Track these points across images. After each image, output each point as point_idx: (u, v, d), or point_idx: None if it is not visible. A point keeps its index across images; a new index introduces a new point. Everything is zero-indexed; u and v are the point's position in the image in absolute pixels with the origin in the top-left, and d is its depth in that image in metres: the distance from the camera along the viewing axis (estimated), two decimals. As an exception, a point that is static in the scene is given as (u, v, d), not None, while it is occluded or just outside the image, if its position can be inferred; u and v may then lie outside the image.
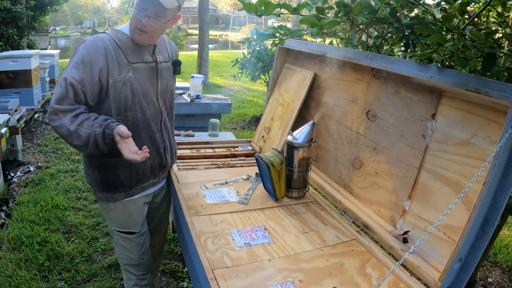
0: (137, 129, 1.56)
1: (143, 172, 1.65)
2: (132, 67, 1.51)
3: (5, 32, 6.77)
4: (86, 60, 1.39)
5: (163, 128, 1.69)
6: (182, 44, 12.18)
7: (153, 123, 1.63)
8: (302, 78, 2.19)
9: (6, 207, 3.08)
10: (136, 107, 1.54)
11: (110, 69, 1.43)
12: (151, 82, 1.59)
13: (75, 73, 1.37)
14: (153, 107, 1.61)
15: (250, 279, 1.27)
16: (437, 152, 1.36)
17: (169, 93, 1.70)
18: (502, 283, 2.46)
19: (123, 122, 1.49)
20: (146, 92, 1.57)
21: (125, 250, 1.73)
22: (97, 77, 1.41)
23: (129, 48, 1.51)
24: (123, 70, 1.48)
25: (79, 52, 1.40)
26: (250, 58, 5.83)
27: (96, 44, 1.42)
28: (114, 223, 1.69)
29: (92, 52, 1.40)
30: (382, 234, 1.50)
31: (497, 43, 1.30)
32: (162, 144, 1.70)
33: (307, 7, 1.50)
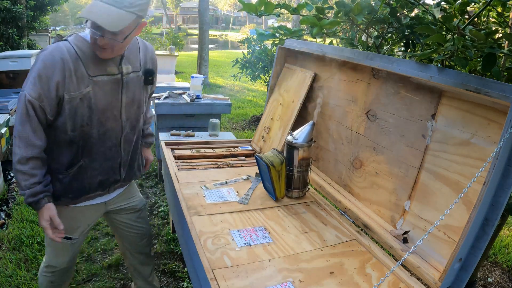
0: (91, 145, 1.49)
1: (90, 187, 1.56)
2: (92, 81, 1.40)
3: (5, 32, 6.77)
4: (43, 74, 1.32)
5: (123, 142, 1.59)
6: (182, 44, 12.17)
7: (111, 138, 1.53)
8: (302, 78, 2.19)
9: (6, 207, 3.08)
10: (92, 123, 1.45)
11: (67, 84, 1.34)
12: (114, 96, 1.48)
13: (32, 90, 1.32)
14: (113, 122, 1.51)
15: (250, 279, 1.27)
16: (437, 152, 1.36)
17: (135, 106, 1.58)
18: (502, 283, 2.46)
19: (77, 137, 1.44)
20: (106, 107, 1.47)
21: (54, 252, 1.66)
22: (54, 92, 1.33)
23: (91, 59, 1.39)
24: (82, 85, 1.38)
25: (37, 66, 1.33)
26: (250, 58, 5.83)
27: (54, 57, 1.33)
28: None
29: (48, 66, 1.32)
30: (382, 234, 1.50)
31: (497, 43, 1.30)
32: (118, 159, 1.60)
33: (307, 7, 1.50)
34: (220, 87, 9.07)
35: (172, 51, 8.10)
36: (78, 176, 1.51)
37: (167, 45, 11.41)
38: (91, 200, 1.61)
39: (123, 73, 1.48)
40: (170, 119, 3.42)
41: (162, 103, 3.34)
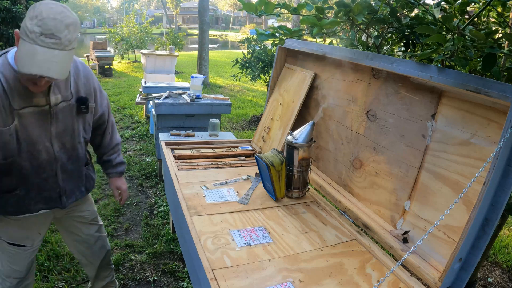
0: (24, 177, 1.41)
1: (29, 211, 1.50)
2: (18, 114, 1.30)
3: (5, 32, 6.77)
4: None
5: (61, 173, 1.50)
6: (182, 44, 12.17)
7: (46, 169, 1.45)
8: (302, 78, 2.19)
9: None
10: (22, 155, 1.36)
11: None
12: (42, 126, 1.38)
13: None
14: (45, 153, 1.42)
15: (250, 279, 1.27)
16: (437, 152, 1.36)
17: (69, 136, 1.48)
18: (502, 283, 2.46)
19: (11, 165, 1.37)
20: (36, 139, 1.38)
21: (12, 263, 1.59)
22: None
23: (16, 91, 1.27)
24: (8, 119, 1.28)
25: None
26: (250, 58, 5.83)
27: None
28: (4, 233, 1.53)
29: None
30: (382, 234, 1.50)
31: (497, 43, 1.30)
32: (57, 190, 1.52)
33: (307, 7, 1.50)
34: (220, 87, 9.07)
35: (172, 51, 8.10)
36: (16, 203, 1.46)
37: (167, 45, 11.41)
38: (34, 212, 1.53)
39: (51, 104, 1.37)
40: (170, 119, 3.42)
41: (162, 103, 3.34)
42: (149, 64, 7.74)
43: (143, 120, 5.68)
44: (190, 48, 20.99)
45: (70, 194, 1.60)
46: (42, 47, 1.14)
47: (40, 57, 1.14)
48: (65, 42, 1.18)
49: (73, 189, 1.60)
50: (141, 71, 9.66)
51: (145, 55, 7.79)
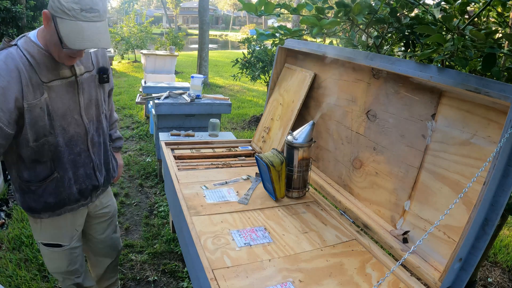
0: (59, 154, 1.42)
1: (69, 198, 1.51)
2: (47, 87, 1.33)
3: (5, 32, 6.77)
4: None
5: (91, 146, 1.53)
6: (182, 44, 12.17)
7: (77, 143, 1.47)
8: (302, 78, 2.19)
9: (6, 207, 3.08)
10: (56, 131, 1.39)
11: (25, 93, 1.27)
12: (72, 99, 1.42)
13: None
14: (76, 126, 1.45)
15: (250, 279, 1.27)
16: (437, 152, 1.36)
17: (94, 107, 1.53)
18: (502, 283, 2.46)
19: (44, 147, 1.38)
20: (66, 112, 1.41)
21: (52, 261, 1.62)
22: (13, 103, 1.24)
23: (43, 65, 1.31)
24: (38, 93, 1.30)
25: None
26: (250, 58, 5.83)
27: (8, 66, 1.24)
28: (39, 235, 1.56)
29: (4, 76, 1.22)
30: (382, 234, 1.50)
31: (497, 43, 1.30)
32: (90, 164, 1.54)
33: (307, 7, 1.50)
34: (220, 87, 9.07)
35: (172, 51, 8.10)
36: (55, 190, 1.46)
37: (167, 45, 11.41)
38: (74, 210, 1.57)
39: (76, 75, 1.42)
40: (170, 119, 3.42)
41: (162, 103, 3.34)
42: (149, 64, 7.74)
43: (143, 120, 5.68)
44: (190, 48, 21.00)
45: (101, 170, 1.62)
46: (86, 22, 1.20)
47: (87, 32, 1.20)
48: (103, 14, 1.25)
49: (106, 167, 1.66)
50: (141, 71, 9.66)
51: (145, 55, 7.80)
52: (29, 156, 1.38)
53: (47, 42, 1.30)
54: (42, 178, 1.44)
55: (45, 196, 1.45)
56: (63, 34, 1.20)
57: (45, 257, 1.64)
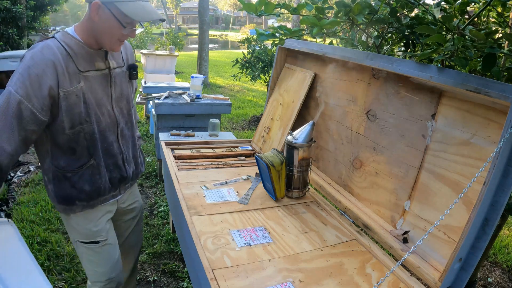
0: (94, 142, 1.46)
1: (104, 186, 1.53)
2: (83, 76, 1.40)
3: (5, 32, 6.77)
4: (33, 72, 1.26)
5: (121, 138, 1.58)
6: (182, 44, 12.17)
7: (109, 134, 1.52)
8: (302, 78, 2.19)
9: (6, 207, 3.08)
10: (91, 119, 1.44)
11: (61, 81, 1.32)
12: (104, 90, 1.49)
13: (19, 87, 1.24)
14: (108, 117, 1.51)
15: (250, 279, 1.27)
16: (437, 152, 1.36)
17: (125, 100, 1.59)
18: (502, 283, 2.46)
19: (80, 135, 1.42)
20: (100, 101, 1.47)
21: (91, 263, 1.59)
22: (46, 91, 1.28)
23: (80, 55, 1.39)
24: (74, 81, 1.37)
25: (26, 63, 1.27)
26: (250, 58, 5.83)
27: (44, 55, 1.29)
28: (76, 233, 1.56)
29: (39, 64, 1.27)
30: (382, 234, 1.50)
31: (497, 43, 1.30)
32: (120, 155, 1.58)
33: (307, 7, 1.50)
34: (220, 87, 9.07)
35: (172, 51, 8.10)
36: (91, 177, 1.49)
37: (167, 45, 11.40)
38: (106, 202, 1.59)
39: (110, 68, 1.50)
40: (170, 119, 3.42)
41: (162, 103, 3.33)
42: (149, 64, 7.73)
43: (143, 120, 5.68)
44: (190, 48, 20.99)
45: (130, 162, 1.66)
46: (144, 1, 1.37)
47: (148, 8, 1.36)
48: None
49: (134, 160, 1.70)
50: (141, 71, 9.67)
51: (145, 55, 7.79)
52: (65, 143, 1.42)
53: (93, 33, 1.39)
54: (79, 166, 1.46)
55: (81, 183, 1.47)
56: (129, 13, 1.33)
57: (84, 258, 1.60)
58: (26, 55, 1.29)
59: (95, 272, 1.60)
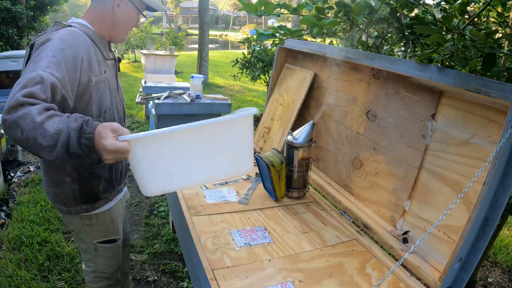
0: None
1: (121, 173, 1.54)
2: (106, 64, 1.40)
3: (5, 32, 6.77)
4: (68, 55, 1.16)
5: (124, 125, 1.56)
6: (182, 44, 12.17)
7: (121, 121, 1.52)
8: (302, 78, 2.19)
9: (6, 207, 3.08)
10: (113, 107, 1.42)
11: (93, 67, 1.27)
12: (115, 78, 1.50)
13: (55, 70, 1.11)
14: (120, 104, 1.52)
15: (250, 279, 1.27)
16: (437, 152, 1.36)
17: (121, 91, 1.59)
18: (502, 283, 2.46)
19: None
20: (115, 89, 1.47)
21: (106, 259, 1.58)
22: (79, 74, 1.20)
23: (100, 43, 1.37)
24: (102, 68, 1.34)
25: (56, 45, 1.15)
26: (250, 58, 5.83)
27: (76, 37, 1.21)
28: (96, 235, 1.52)
29: (73, 46, 1.18)
30: (382, 234, 1.50)
31: (497, 43, 1.30)
32: None
33: (307, 7, 1.50)
34: (220, 87, 9.07)
35: (172, 51, 8.10)
36: (110, 168, 1.46)
37: (167, 45, 11.41)
38: (120, 192, 1.58)
39: (115, 58, 1.52)
40: (170, 119, 3.42)
41: (162, 103, 3.33)
42: (149, 64, 7.74)
43: (143, 120, 5.68)
44: (190, 48, 20.98)
45: None
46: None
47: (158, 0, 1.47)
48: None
49: None
50: (141, 71, 9.66)
51: (145, 55, 7.80)
52: None
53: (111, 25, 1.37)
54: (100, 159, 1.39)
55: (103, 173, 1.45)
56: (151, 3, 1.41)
57: (101, 257, 1.57)
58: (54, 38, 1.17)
59: (106, 266, 1.60)
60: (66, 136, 1.03)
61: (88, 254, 1.57)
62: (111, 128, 1.06)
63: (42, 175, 1.45)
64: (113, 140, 1.04)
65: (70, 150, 1.05)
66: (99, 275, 1.62)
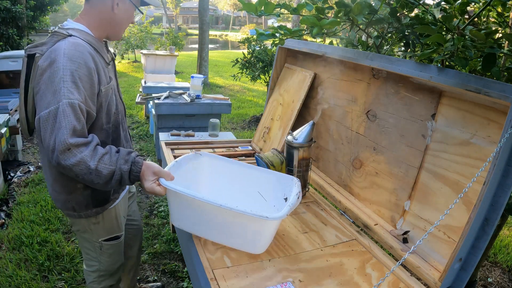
0: (118, 131, 1.48)
1: None
2: (108, 69, 1.42)
3: (5, 32, 6.77)
4: (82, 73, 1.21)
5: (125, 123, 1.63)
6: (182, 44, 12.16)
7: (124, 121, 1.57)
8: (302, 78, 2.19)
9: (6, 207, 3.08)
10: (118, 110, 1.47)
11: (101, 78, 1.31)
12: (116, 79, 1.53)
13: (77, 94, 1.18)
14: (121, 104, 1.54)
15: (250, 279, 1.27)
16: (437, 152, 1.36)
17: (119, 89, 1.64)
18: (502, 283, 2.46)
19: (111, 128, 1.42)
20: (117, 92, 1.51)
21: (111, 256, 1.62)
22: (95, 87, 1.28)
23: (100, 49, 1.38)
24: (107, 75, 1.38)
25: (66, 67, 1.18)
26: (250, 58, 5.83)
27: (81, 52, 1.24)
28: (101, 234, 1.56)
29: (82, 64, 1.22)
30: (382, 234, 1.50)
31: (497, 43, 1.30)
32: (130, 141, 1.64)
33: (307, 7, 1.50)
34: (220, 87, 9.07)
35: (172, 51, 8.10)
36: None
37: (167, 45, 11.41)
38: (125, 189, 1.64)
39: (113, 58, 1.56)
40: (170, 119, 3.42)
41: (162, 103, 3.34)
42: (149, 64, 7.74)
43: (143, 120, 5.68)
44: (190, 48, 20.99)
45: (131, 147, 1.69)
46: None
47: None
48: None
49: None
50: (141, 71, 9.67)
51: (145, 55, 7.80)
52: (103, 140, 1.39)
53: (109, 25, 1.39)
54: None
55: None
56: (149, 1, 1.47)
57: (105, 255, 1.61)
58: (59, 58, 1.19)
59: (110, 264, 1.64)
60: (118, 175, 1.23)
61: (92, 253, 1.60)
62: (153, 171, 1.26)
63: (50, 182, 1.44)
64: (152, 184, 1.25)
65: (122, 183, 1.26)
66: (102, 274, 1.63)
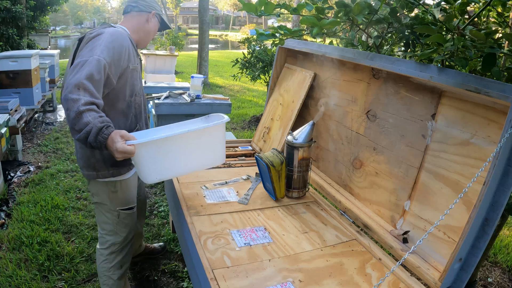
0: (140, 111, 1.78)
1: None
2: (138, 60, 1.77)
3: (5, 32, 6.76)
4: (117, 45, 1.53)
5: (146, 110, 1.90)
6: (182, 44, 12.16)
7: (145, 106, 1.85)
8: (302, 78, 2.19)
9: (6, 207, 3.08)
10: (140, 93, 1.77)
11: (131, 57, 1.64)
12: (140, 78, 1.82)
13: (106, 55, 1.47)
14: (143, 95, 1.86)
15: (250, 279, 1.27)
16: (437, 152, 1.36)
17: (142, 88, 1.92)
18: (502, 283, 2.46)
19: (132, 104, 1.71)
20: (141, 84, 1.81)
21: (126, 226, 1.81)
22: (122, 62, 1.56)
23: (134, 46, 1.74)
24: (137, 60, 1.73)
25: (107, 39, 1.51)
26: (250, 58, 5.83)
27: (122, 35, 1.60)
28: (119, 203, 1.76)
29: (120, 41, 1.56)
30: (382, 234, 1.50)
31: (497, 43, 1.30)
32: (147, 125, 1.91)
33: (307, 7, 1.50)
34: (220, 87, 9.07)
35: (172, 51, 8.09)
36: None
37: (167, 45, 11.40)
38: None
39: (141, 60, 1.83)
40: (170, 119, 3.42)
41: (162, 103, 3.33)
42: (149, 64, 7.73)
43: (143, 120, 5.67)
44: (190, 48, 20.98)
45: None
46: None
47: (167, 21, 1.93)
48: None
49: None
50: (141, 71, 9.65)
51: (145, 55, 7.79)
52: (123, 109, 1.68)
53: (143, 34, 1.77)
54: (129, 130, 1.70)
55: None
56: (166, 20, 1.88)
57: (122, 224, 1.79)
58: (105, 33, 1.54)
59: (125, 233, 1.82)
60: (89, 128, 1.34)
61: (109, 226, 1.79)
62: (120, 134, 1.39)
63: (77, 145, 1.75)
64: (122, 144, 1.37)
65: (88, 140, 1.36)
66: (115, 250, 1.81)
